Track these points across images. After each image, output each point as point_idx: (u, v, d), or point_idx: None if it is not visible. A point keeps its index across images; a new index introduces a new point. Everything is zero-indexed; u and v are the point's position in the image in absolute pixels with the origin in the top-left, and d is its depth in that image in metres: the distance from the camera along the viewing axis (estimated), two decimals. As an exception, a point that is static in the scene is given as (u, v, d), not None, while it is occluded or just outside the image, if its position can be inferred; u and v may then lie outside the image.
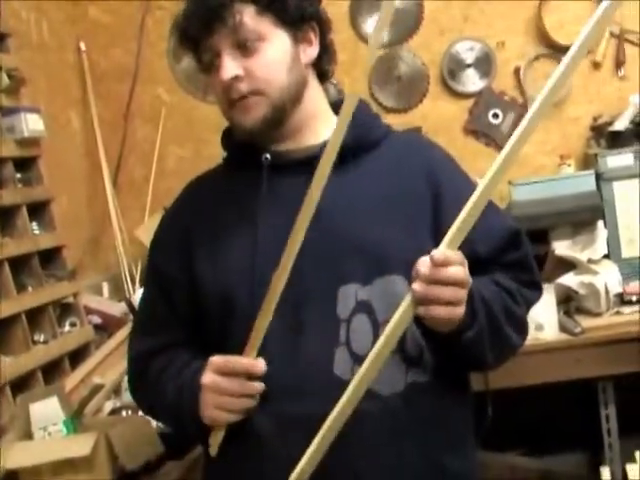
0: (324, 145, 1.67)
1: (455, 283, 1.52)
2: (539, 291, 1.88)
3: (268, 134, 1.77)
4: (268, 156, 1.77)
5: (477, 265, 1.73)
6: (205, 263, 1.80)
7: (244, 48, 1.71)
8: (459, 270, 1.51)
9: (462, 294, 1.55)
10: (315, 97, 1.82)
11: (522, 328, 1.80)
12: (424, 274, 1.48)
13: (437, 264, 1.47)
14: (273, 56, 1.73)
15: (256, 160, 1.78)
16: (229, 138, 1.89)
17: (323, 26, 1.83)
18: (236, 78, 1.70)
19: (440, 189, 1.77)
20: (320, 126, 1.81)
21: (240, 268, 1.75)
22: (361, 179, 1.76)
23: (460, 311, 1.57)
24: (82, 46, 4.16)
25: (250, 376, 1.66)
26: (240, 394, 1.67)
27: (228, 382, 1.67)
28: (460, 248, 1.65)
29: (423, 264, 1.48)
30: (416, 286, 1.48)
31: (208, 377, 1.69)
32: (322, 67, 1.85)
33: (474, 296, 1.63)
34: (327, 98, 1.88)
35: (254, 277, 1.72)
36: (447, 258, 1.48)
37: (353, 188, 1.75)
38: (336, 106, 1.84)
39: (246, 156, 1.82)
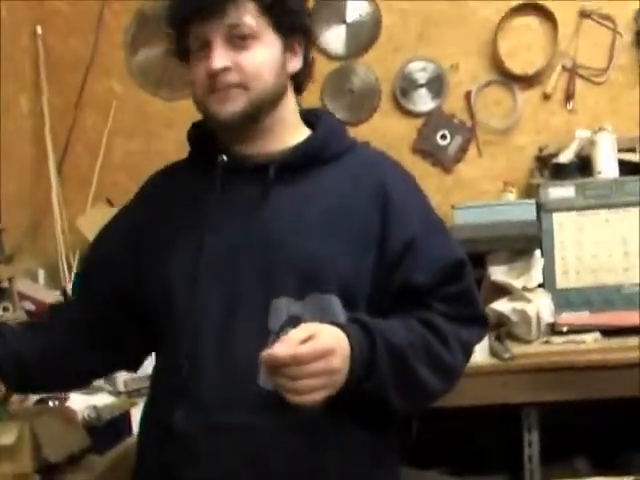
0: (283, 152, 1.74)
1: (322, 373, 1.52)
2: (482, 327, 1.84)
3: (238, 130, 1.78)
4: (224, 157, 1.78)
5: (413, 295, 1.73)
6: (151, 259, 1.82)
7: (237, 43, 1.73)
8: (318, 363, 1.51)
9: (334, 380, 1.55)
10: (289, 107, 1.85)
11: (448, 374, 1.75)
12: (289, 373, 1.48)
13: (295, 363, 1.48)
14: (264, 57, 1.75)
15: (213, 161, 1.79)
16: (193, 134, 1.89)
17: (309, 40, 1.86)
18: (225, 69, 1.72)
19: (389, 210, 1.77)
20: (285, 133, 1.82)
21: (183, 270, 1.76)
22: (312, 191, 1.78)
23: (339, 381, 1.56)
24: (39, 30, 4.11)
25: None
26: None
27: None
28: (396, 275, 1.67)
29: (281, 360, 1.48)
30: (282, 382, 1.50)
31: None
32: (299, 80, 1.88)
33: (376, 345, 1.61)
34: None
35: (195, 280, 1.73)
36: (297, 357, 1.48)
37: (302, 200, 1.76)
38: (305, 117, 1.88)
39: (205, 155, 1.83)
